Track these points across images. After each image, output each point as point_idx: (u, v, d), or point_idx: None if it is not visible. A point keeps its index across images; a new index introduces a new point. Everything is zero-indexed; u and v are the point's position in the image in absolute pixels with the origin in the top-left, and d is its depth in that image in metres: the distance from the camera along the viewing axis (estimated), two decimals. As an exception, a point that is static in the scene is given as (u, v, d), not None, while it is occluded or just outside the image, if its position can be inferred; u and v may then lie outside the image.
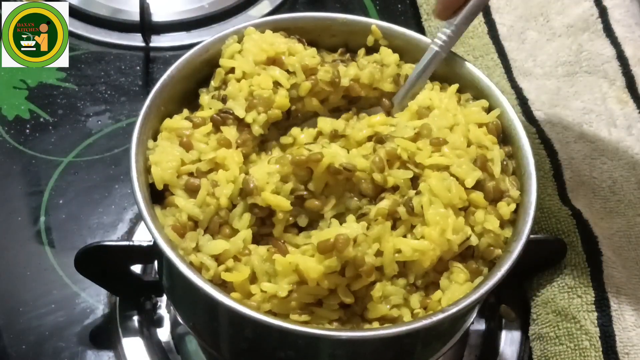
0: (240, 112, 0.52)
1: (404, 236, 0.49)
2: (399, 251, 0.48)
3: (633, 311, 0.61)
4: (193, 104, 0.56)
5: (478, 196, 0.50)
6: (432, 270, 0.49)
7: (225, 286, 0.47)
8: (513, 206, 0.51)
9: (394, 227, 0.49)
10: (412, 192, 0.49)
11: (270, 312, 0.47)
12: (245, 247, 0.48)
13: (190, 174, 0.51)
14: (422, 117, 0.54)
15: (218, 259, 0.48)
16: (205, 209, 0.49)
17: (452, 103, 0.55)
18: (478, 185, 0.51)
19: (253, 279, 0.48)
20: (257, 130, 0.53)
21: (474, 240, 0.49)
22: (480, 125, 0.54)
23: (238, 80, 0.54)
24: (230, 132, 0.52)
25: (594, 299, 0.61)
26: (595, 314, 0.60)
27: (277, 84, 0.54)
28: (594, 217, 0.65)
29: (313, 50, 0.57)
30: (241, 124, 0.53)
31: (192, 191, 0.50)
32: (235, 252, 0.48)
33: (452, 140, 0.51)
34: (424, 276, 0.49)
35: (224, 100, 0.54)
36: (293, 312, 0.47)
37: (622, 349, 0.59)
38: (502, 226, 0.51)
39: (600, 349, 0.59)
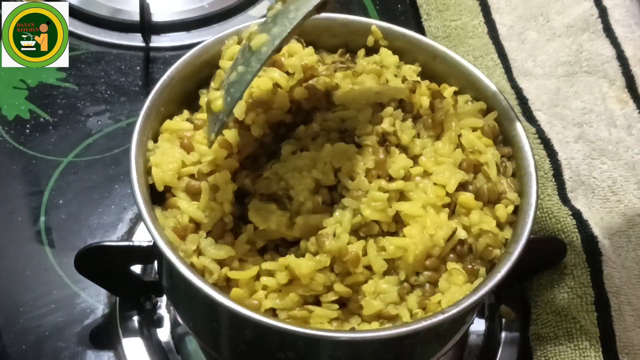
0: (239, 114, 0.52)
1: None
2: (383, 249, 0.49)
3: (633, 311, 0.61)
4: (193, 105, 0.56)
5: (468, 198, 0.50)
6: (424, 269, 0.49)
7: (228, 287, 0.48)
8: (511, 208, 0.51)
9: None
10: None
11: (270, 312, 0.47)
12: (250, 249, 0.49)
13: (192, 176, 0.51)
14: None
15: (222, 262, 0.48)
16: (210, 213, 0.49)
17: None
18: (468, 187, 0.51)
19: (257, 277, 0.48)
20: (256, 131, 0.52)
21: (461, 234, 0.49)
22: (474, 129, 0.54)
23: None
24: (231, 135, 0.52)
25: (593, 299, 0.61)
26: (595, 314, 0.60)
27: (276, 86, 0.54)
28: (594, 217, 0.65)
29: (310, 49, 0.57)
30: (242, 127, 0.53)
31: (193, 193, 0.50)
32: (240, 256, 0.49)
33: (435, 148, 0.52)
34: (416, 274, 0.49)
35: None
36: (292, 309, 0.47)
37: (622, 349, 0.60)
38: (501, 227, 0.51)
39: (600, 349, 0.59)
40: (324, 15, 0.59)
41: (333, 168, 0.50)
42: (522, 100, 0.74)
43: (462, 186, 0.51)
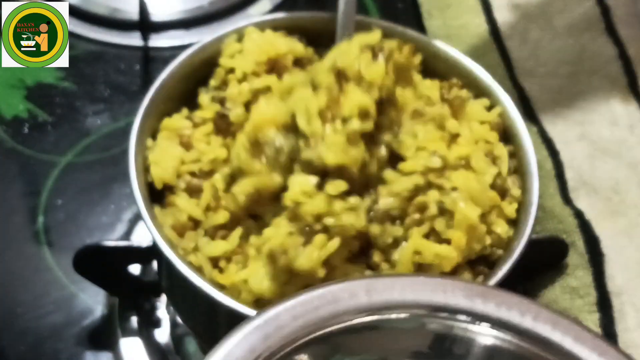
0: (233, 116, 0.52)
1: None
2: (418, 253, 0.45)
3: (635, 312, 0.61)
4: (192, 103, 0.55)
5: (496, 196, 0.49)
6: None
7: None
8: (515, 205, 0.51)
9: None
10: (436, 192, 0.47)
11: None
12: (240, 245, 0.48)
13: (192, 174, 0.51)
14: None
15: (218, 260, 0.48)
16: (211, 212, 0.49)
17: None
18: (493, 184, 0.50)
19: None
20: None
21: (489, 249, 0.48)
22: (482, 122, 0.53)
23: (239, 82, 0.54)
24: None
25: (595, 299, 0.60)
26: (597, 314, 0.60)
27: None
28: (596, 217, 0.65)
29: (310, 50, 0.57)
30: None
31: (194, 192, 0.50)
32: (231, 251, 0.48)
33: (462, 133, 0.51)
34: None
35: (222, 102, 0.54)
36: None
37: (625, 349, 0.59)
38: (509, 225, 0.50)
39: (603, 350, 0.59)
40: (324, 13, 0.59)
41: None
42: (524, 100, 0.73)
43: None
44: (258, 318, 0.32)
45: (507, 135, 0.55)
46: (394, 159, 0.48)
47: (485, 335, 0.34)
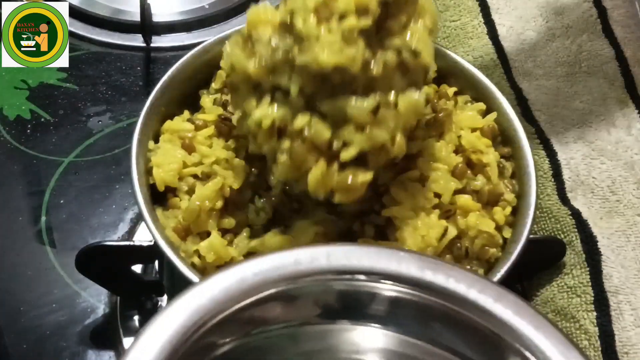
0: (235, 119, 0.52)
1: None
2: None
3: (632, 311, 0.61)
4: (194, 105, 0.56)
5: (467, 200, 0.50)
6: None
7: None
8: (508, 210, 0.51)
9: None
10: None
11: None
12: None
13: (195, 177, 0.51)
14: None
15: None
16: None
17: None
18: (466, 190, 0.51)
19: None
20: None
21: (452, 232, 0.49)
22: (473, 130, 0.54)
23: None
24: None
25: (593, 298, 0.61)
26: (595, 313, 0.60)
27: None
28: (593, 217, 0.65)
29: None
30: None
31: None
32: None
33: (432, 151, 0.51)
34: None
35: (224, 105, 0.54)
36: None
37: (621, 348, 0.59)
38: (499, 228, 0.51)
39: (600, 349, 0.59)
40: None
41: None
42: (522, 101, 0.74)
43: (460, 189, 0.51)
44: (223, 272, 0.34)
45: (505, 137, 0.55)
46: (404, 68, 0.46)
47: (432, 304, 0.36)
